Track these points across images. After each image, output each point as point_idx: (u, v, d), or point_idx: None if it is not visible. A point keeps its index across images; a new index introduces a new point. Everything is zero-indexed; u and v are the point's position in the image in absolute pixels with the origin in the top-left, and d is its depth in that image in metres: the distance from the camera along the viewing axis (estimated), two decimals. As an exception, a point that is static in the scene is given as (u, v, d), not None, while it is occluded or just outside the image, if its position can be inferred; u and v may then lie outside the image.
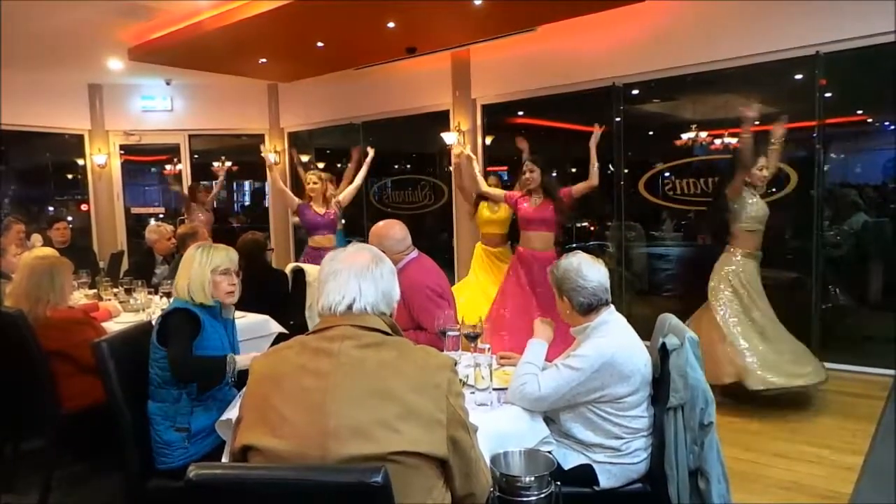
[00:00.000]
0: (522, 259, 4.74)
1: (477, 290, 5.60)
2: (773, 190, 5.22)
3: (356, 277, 1.48)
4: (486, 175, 7.00)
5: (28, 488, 2.99)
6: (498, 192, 5.13)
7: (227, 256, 2.54)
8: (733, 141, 5.49)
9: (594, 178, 4.68)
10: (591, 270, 2.21)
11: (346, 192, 5.52)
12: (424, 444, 1.31)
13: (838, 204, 5.18)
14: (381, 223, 3.04)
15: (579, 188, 4.71)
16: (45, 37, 5.88)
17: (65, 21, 5.48)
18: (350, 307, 1.45)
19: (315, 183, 5.33)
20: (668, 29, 5.52)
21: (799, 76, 5.16)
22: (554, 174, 6.13)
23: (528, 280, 4.64)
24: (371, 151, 5.68)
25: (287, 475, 1.27)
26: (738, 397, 4.10)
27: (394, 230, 2.97)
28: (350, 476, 1.22)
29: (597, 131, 4.77)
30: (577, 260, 2.26)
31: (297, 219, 5.77)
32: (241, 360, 2.38)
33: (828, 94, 4.97)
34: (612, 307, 2.26)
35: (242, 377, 2.14)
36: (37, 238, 5.53)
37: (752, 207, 4.22)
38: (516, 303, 4.66)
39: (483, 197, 5.63)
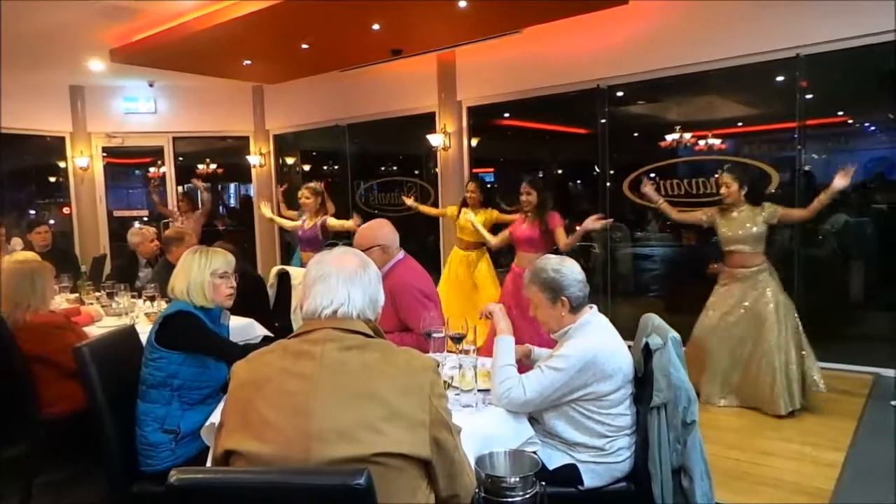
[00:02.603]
0: (513, 275, 4.51)
1: (452, 291, 5.68)
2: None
3: (345, 283, 1.47)
4: (471, 177, 7.06)
5: (8, 495, 2.95)
6: (504, 235, 4.72)
7: (225, 260, 2.55)
8: (717, 142, 5.56)
9: (563, 244, 4.32)
10: (572, 263, 2.29)
11: (332, 224, 5.27)
12: (408, 445, 1.31)
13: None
14: (372, 222, 3.04)
15: (559, 233, 4.34)
16: (25, 37, 5.81)
17: (45, 21, 5.42)
18: (336, 312, 1.44)
19: (307, 198, 5.31)
20: (652, 31, 5.56)
21: (780, 78, 5.23)
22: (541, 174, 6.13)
23: (516, 299, 4.24)
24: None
25: (270, 479, 1.26)
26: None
27: (385, 230, 2.98)
28: (333, 479, 1.22)
29: (593, 223, 4.22)
30: (556, 259, 2.30)
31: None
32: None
33: (808, 96, 5.04)
34: (595, 308, 2.28)
35: None
36: (17, 242, 5.46)
37: (721, 228, 4.19)
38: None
39: (463, 204, 5.70)
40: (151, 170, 8.96)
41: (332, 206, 5.67)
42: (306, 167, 9.21)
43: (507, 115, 7.08)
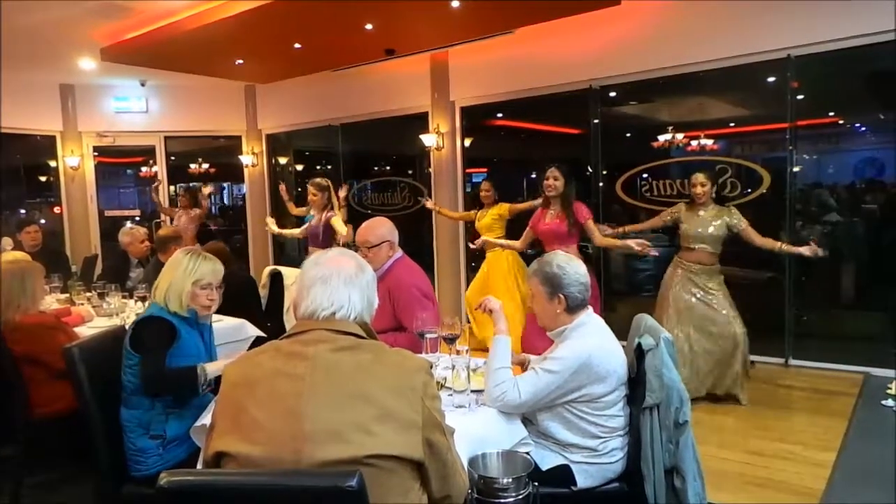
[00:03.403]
0: None
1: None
2: (749, 191, 5.32)
3: (346, 285, 1.46)
4: (465, 177, 7.07)
5: (-2, 497, 2.93)
6: (527, 234, 4.49)
7: (212, 270, 2.47)
8: (710, 143, 5.58)
9: (598, 240, 4.25)
10: (579, 264, 2.27)
11: (335, 223, 5.14)
12: (400, 446, 1.31)
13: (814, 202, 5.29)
14: (375, 219, 3.02)
15: (591, 227, 4.20)
16: (15, 35, 5.76)
17: (35, 20, 5.38)
18: (335, 314, 1.44)
19: (314, 195, 5.24)
20: (644, 32, 5.58)
21: (771, 79, 5.25)
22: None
23: None
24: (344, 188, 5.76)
25: (261, 480, 1.25)
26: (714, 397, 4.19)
27: (389, 226, 2.97)
28: (324, 481, 1.21)
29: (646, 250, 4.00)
30: (564, 256, 2.29)
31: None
32: (213, 367, 2.33)
33: (799, 97, 5.06)
34: (590, 308, 2.28)
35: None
36: (7, 242, 5.42)
37: (684, 224, 4.28)
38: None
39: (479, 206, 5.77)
40: (143, 169, 8.91)
41: (341, 201, 5.47)
42: (299, 167, 9.20)
43: (500, 115, 7.08)
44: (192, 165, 9.19)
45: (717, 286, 4.25)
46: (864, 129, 5.31)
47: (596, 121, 6.07)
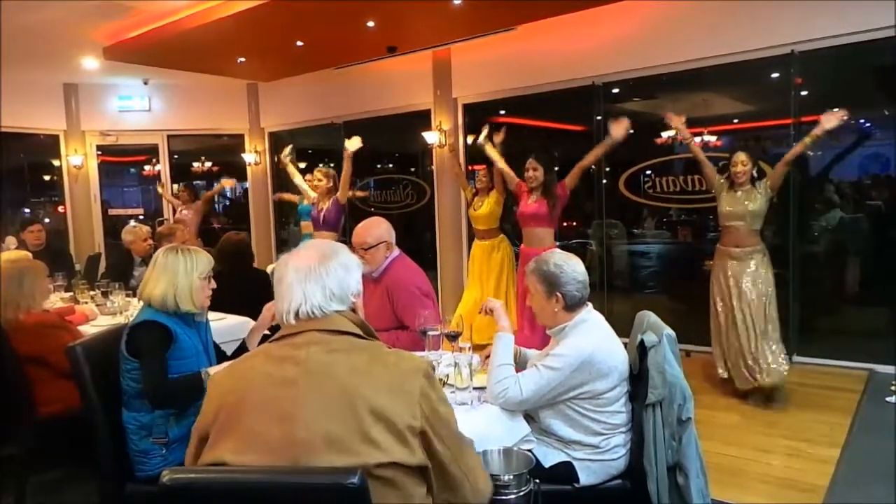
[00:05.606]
0: (523, 257, 4.54)
1: (474, 285, 5.81)
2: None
3: (300, 282, 1.40)
4: (467, 174, 7.06)
5: (3, 495, 2.94)
6: (512, 176, 4.79)
7: (208, 261, 2.44)
8: (713, 139, 5.56)
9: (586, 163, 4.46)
10: (577, 263, 2.26)
11: (340, 191, 5.44)
12: (397, 452, 1.26)
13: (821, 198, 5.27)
14: (371, 219, 3.01)
15: (572, 176, 4.47)
16: (18, 35, 5.77)
17: (37, 19, 5.39)
18: (297, 312, 1.39)
19: (319, 180, 5.44)
20: (647, 28, 5.56)
21: (775, 74, 5.22)
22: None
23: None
24: (353, 145, 5.32)
25: (262, 478, 1.25)
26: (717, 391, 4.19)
27: (385, 226, 2.96)
28: (326, 478, 1.21)
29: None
30: (562, 255, 2.28)
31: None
32: (216, 370, 2.27)
33: (803, 93, 5.03)
34: (590, 305, 2.27)
35: None
36: (11, 241, 5.43)
37: (722, 203, 4.20)
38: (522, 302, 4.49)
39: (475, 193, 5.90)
40: (147, 168, 8.93)
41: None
42: (302, 165, 9.17)
43: (502, 112, 7.05)
44: (196, 164, 9.20)
45: (759, 268, 4.10)
46: (868, 124, 5.28)
47: (599, 117, 6.05)
